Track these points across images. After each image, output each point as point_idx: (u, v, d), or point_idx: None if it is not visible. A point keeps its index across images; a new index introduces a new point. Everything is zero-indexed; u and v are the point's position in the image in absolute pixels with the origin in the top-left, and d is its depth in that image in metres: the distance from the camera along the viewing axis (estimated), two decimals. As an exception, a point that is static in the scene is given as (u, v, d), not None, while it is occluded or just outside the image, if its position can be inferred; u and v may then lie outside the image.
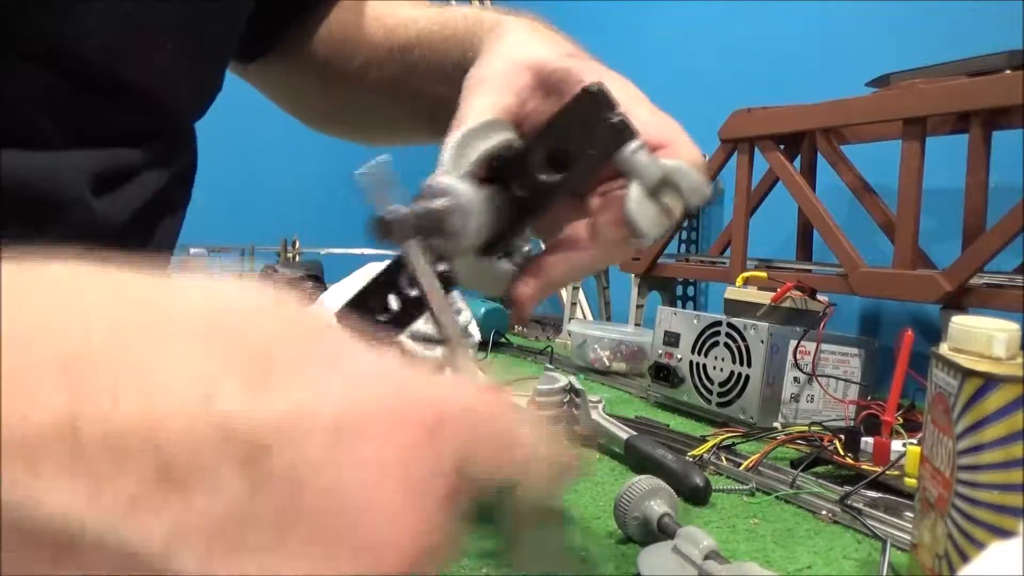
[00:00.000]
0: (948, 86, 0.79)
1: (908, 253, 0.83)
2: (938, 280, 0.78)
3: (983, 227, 0.85)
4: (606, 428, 0.73)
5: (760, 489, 0.62)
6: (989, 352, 0.39)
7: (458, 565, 0.49)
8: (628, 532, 0.51)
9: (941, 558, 0.40)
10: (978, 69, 0.81)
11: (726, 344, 0.83)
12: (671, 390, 0.89)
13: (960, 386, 0.38)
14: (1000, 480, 0.37)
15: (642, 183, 0.32)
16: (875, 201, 1.03)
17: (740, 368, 0.81)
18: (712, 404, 0.83)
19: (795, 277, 0.88)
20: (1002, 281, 0.78)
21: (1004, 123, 0.86)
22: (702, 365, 0.86)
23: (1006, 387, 0.37)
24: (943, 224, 0.99)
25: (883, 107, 0.85)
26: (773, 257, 1.10)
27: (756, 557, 0.50)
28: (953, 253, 0.81)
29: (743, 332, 0.81)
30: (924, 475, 0.43)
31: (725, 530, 0.54)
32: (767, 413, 0.79)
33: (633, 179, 0.32)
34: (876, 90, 0.92)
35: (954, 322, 0.41)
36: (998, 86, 0.75)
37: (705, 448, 0.70)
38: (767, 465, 0.67)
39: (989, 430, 0.37)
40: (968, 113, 0.84)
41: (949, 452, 0.39)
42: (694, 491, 0.59)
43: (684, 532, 0.46)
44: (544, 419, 0.25)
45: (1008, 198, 0.76)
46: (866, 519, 0.55)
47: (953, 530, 0.39)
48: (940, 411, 0.41)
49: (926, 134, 0.82)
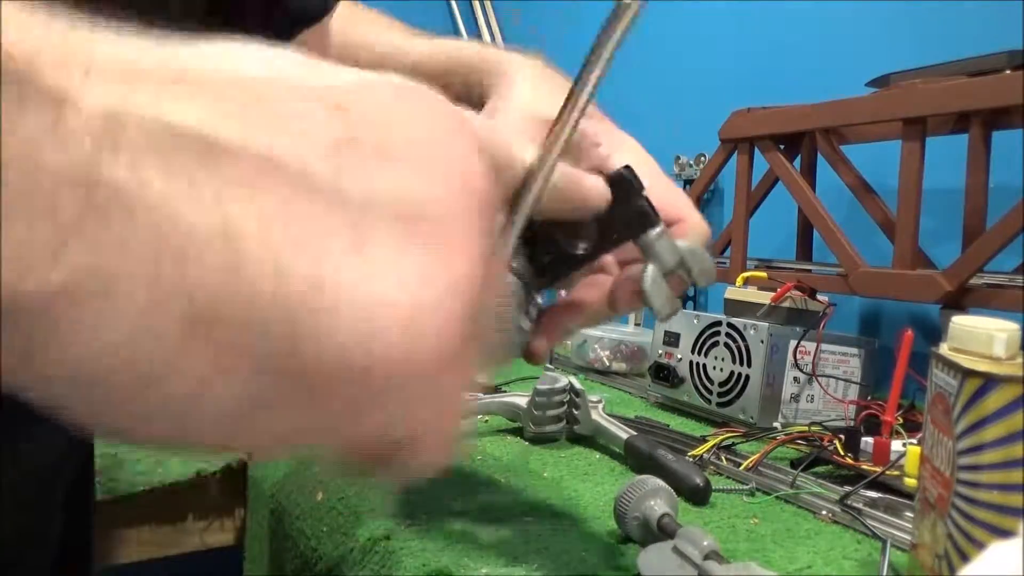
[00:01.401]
0: (948, 86, 0.79)
1: (908, 253, 0.83)
2: (938, 280, 0.78)
3: (983, 227, 0.85)
4: (606, 428, 0.73)
5: (760, 489, 0.62)
6: (989, 352, 0.39)
7: (458, 565, 0.49)
8: (628, 532, 0.51)
9: (941, 558, 0.40)
10: (978, 69, 0.81)
11: (726, 344, 0.83)
12: (671, 390, 0.89)
13: (960, 386, 0.38)
14: (1000, 480, 0.37)
15: (659, 266, 0.35)
16: (875, 201, 1.03)
17: (740, 368, 0.81)
18: (712, 404, 0.83)
19: (795, 277, 0.88)
20: (1002, 281, 0.78)
21: (1004, 123, 0.86)
22: (702, 365, 0.86)
23: (1006, 387, 0.37)
24: (943, 224, 0.99)
25: (883, 107, 0.85)
26: (773, 257, 1.10)
27: (756, 557, 0.50)
28: (953, 253, 0.81)
29: (743, 332, 0.81)
30: (924, 475, 0.43)
31: (725, 530, 0.54)
32: (767, 413, 0.79)
33: (652, 261, 0.35)
34: (876, 90, 0.92)
35: (954, 322, 0.41)
36: (998, 86, 0.75)
37: (705, 448, 0.70)
38: (767, 465, 0.67)
39: (989, 430, 0.37)
40: (968, 113, 0.84)
41: (949, 452, 0.39)
42: (694, 491, 0.59)
43: (684, 532, 0.46)
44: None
45: (1008, 198, 0.76)
46: (866, 519, 0.55)
47: (953, 530, 0.39)
48: (940, 411, 0.41)
49: (926, 134, 0.82)
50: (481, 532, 0.54)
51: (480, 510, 0.58)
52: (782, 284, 0.83)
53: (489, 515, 0.57)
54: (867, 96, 0.89)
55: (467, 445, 0.72)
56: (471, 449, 0.73)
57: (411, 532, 0.54)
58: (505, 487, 0.63)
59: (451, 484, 0.63)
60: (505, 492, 0.62)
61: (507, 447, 0.74)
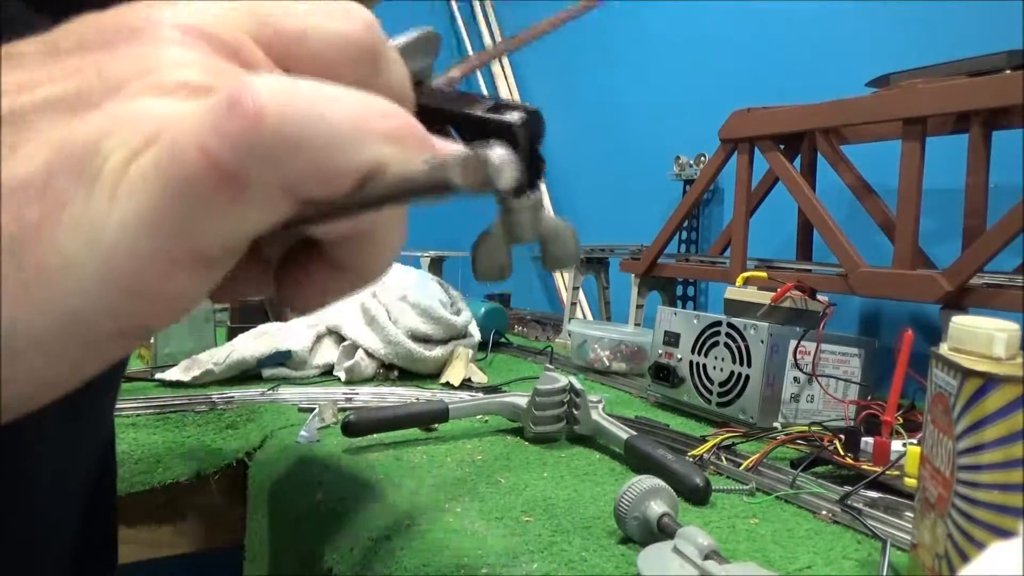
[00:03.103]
0: (948, 86, 0.79)
1: (908, 253, 0.83)
2: (938, 280, 0.78)
3: (983, 227, 0.85)
4: (606, 428, 0.73)
5: (760, 489, 0.62)
6: (989, 352, 0.39)
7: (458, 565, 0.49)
8: (628, 532, 0.51)
9: (941, 558, 0.40)
10: (978, 69, 0.81)
11: (726, 344, 0.83)
12: (671, 390, 0.89)
13: (960, 386, 0.38)
14: (1000, 480, 0.37)
15: (509, 236, 0.29)
16: (875, 201, 1.03)
17: (740, 368, 0.81)
18: (712, 404, 0.83)
19: (795, 277, 0.88)
20: (1002, 281, 0.78)
21: (1004, 123, 0.86)
22: (702, 365, 0.86)
23: (1006, 387, 0.37)
24: (943, 224, 0.99)
25: (883, 107, 0.85)
26: (773, 257, 1.10)
27: (756, 557, 0.50)
28: (953, 253, 0.81)
29: (743, 332, 0.81)
30: (924, 475, 0.43)
31: (725, 530, 0.54)
32: (767, 413, 0.79)
33: (505, 229, 0.29)
34: (876, 90, 0.92)
35: (954, 322, 0.41)
36: (998, 86, 0.75)
37: (705, 448, 0.70)
38: (767, 465, 0.67)
39: (989, 430, 0.37)
40: (968, 113, 0.84)
41: (949, 452, 0.39)
42: (694, 491, 0.59)
43: (684, 532, 0.46)
44: None
45: (1008, 198, 0.76)
46: (866, 519, 0.55)
47: (953, 530, 0.39)
48: (940, 411, 0.41)
49: (926, 134, 0.82)
50: (481, 532, 0.54)
51: (480, 510, 0.58)
52: (782, 284, 0.83)
53: (489, 515, 0.57)
54: (867, 96, 0.89)
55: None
56: (474, 450, 0.73)
57: (411, 532, 0.54)
58: (505, 487, 0.63)
59: (451, 484, 0.63)
60: (505, 492, 0.62)
61: (507, 447, 0.74)
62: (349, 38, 0.20)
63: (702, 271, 1.19)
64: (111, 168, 0.16)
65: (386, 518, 0.57)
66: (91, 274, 0.16)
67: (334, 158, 0.17)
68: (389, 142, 0.18)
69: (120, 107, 0.17)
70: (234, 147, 0.16)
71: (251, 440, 0.82)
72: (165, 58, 0.18)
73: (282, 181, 0.17)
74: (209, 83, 0.17)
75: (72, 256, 0.16)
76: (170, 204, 0.16)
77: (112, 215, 0.16)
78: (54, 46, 0.18)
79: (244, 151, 0.16)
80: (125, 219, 0.16)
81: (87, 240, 0.16)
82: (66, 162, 0.16)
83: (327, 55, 0.20)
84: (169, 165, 0.16)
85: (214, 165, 0.16)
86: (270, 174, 0.16)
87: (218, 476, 0.80)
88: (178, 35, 0.18)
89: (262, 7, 0.20)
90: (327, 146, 0.17)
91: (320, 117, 0.16)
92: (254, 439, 0.81)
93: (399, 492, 0.62)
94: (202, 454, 0.80)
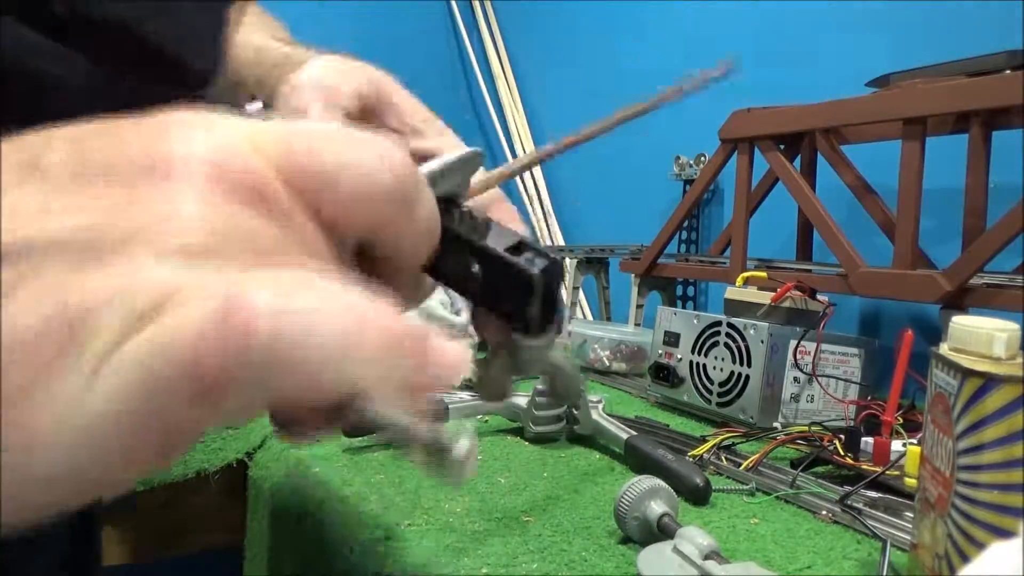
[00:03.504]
0: (948, 86, 0.79)
1: (908, 253, 0.83)
2: (938, 280, 0.78)
3: (983, 227, 0.85)
4: (606, 428, 0.73)
5: (760, 489, 0.62)
6: (989, 352, 0.39)
7: (458, 565, 0.49)
8: (628, 532, 0.51)
9: (941, 558, 0.40)
10: (978, 69, 0.81)
11: (726, 344, 0.83)
12: (671, 390, 0.89)
13: (960, 386, 0.38)
14: (1000, 480, 0.37)
15: (516, 370, 0.31)
16: (875, 201, 1.03)
17: (740, 368, 0.81)
18: (712, 404, 0.83)
19: (795, 277, 0.88)
20: (1002, 281, 0.78)
21: (1004, 123, 0.86)
22: (702, 365, 0.86)
23: (1006, 387, 0.37)
24: (943, 224, 0.99)
25: (883, 107, 0.85)
26: (773, 257, 1.10)
27: (756, 557, 0.50)
28: (953, 253, 0.81)
29: (743, 332, 0.81)
30: (924, 475, 0.43)
31: (725, 530, 0.54)
32: (767, 413, 0.79)
33: (515, 362, 0.31)
34: (876, 90, 0.92)
35: (954, 322, 0.41)
36: (998, 86, 0.75)
37: (705, 448, 0.70)
38: (767, 465, 0.67)
39: (989, 430, 0.37)
40: (968, 113, 0.84)
41: (949, 452, 0.39)
42: (694, 491, 0.59)
43: (684, 532, 0.46)
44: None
45: (1008, 198, 0.76)
46: (866, 519, 0.55)
47: (953, 530, 0.39)
48: (940, 411, 0.41)
49: (926, 134, 0.82)
50: (481, 532, 0.54)
51: (480, 510, 0.58)
52: (782, 284, 0.83)
53: (489, 515, 0.57)
54: (867, 96, 0.89)
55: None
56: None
57: (411, 532, 0.54)
58: (505, 487, 0.63)
59: (451, 484, 0.63)
60: (505, 492, 0.62)
61: (507, 447, 0.74)
62: (381, 189, 0.20)
63: (702, 271, 1.19)
64: (102, 344, 0.16)
65: (386, 518, 0.57)
66: (59, 456, 0.16)
67: (320, 378, 0.17)
68: (380, 362, 0.18)
69: (122, 270, 0.17)
70: (223, 361, 0.16)
71: (251, 440, 0.82)
72: (177, 210, 0.18)
73: (263, 390, 0.17)
74: (208, 248, 0.17)
75: (43, 431, 0.16)
76: (147, 399, 0.16)
77: (88, 396, 0.16)
78: (81, 163, 0.18)
79: (232, 365, 0.16)
80: (97, 406, 0.16)
81: (59, 417, 0.16)
82: (61, 325, 0.16)
83: (355, 205, 0.20)
84: (154, 362, 0.16)
85: (199, 376, 0.16)
86: (253, 387, 0.16)
87: (218, 476, 0.80)
88: (200, 181, 0.18)
89: (296, 138, 0.20)
90: (314, 369, 0.17)
91: (310, 336, 0.16)
92: (254, 439, 0.81)
93: (399, 492, 0.62)
94: (202, 454, 0.80)
